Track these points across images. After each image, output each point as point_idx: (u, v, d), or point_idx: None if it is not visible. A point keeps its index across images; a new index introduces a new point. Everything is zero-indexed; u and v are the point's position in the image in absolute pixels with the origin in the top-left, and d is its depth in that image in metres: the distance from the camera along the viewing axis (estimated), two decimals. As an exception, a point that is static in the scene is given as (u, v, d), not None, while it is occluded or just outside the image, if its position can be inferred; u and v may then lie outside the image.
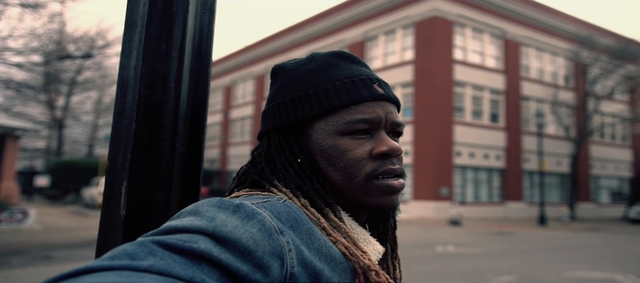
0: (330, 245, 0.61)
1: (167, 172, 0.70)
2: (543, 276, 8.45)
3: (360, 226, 0.70)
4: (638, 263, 10.44)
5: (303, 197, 0.66)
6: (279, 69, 0.78)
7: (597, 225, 22.25)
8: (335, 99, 0.69)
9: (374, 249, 0.67)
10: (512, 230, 18.07)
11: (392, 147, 0.70)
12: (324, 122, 0.70)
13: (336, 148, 0.69)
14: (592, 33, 27.24)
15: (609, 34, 29.46)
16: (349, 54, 0.76)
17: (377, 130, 0.71)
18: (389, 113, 0.72)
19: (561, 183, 28.18)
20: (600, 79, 26.82)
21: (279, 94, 0.74)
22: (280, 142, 0.72)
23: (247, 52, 38.90)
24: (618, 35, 29.63)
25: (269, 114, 0.75)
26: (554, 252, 12.08)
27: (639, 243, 15.20)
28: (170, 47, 0.71)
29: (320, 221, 0.64)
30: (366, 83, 0.72)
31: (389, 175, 0.70)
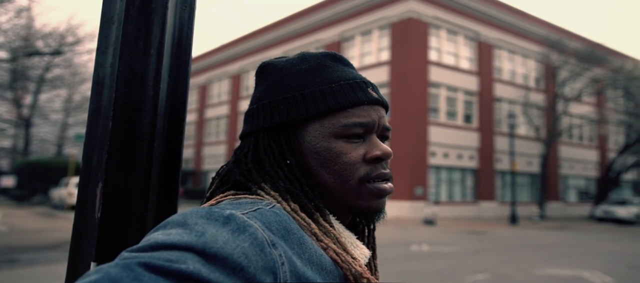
0: (321, 253, 0.60)
1: (145, 173, 0.67)
2: (514, 274, 8.64)
3: (347, 230, 0.69)
4: (604, 260, 10.79)
5: (292, 200, 0.65)
6: (268, 67, 0.75)
7: (565, 224, 22.90)
8: (332, 100, 0.68)
9: (361, 253, 0.66)
10: (485, 229, 18.42)
11: (385, 152, 0.69)
12: (318, 123, 0.68)
13: (331, 151, 0.68)
14: (562, 37, 28.02)
15: (577, 37, 30.35)
16: (340, 56, 0.75)
17: (370, 134, 0.71)
18: (381, 117, 0.72)
19: (531, 182, 28.89)
20: (569, 81, 27.60)
21: (269, 93, 0.71)
22: (269, 142, 0.69)
23: (222, 51, 38.53)
24: (585, 39, 30.54)
25: (256, 113, 0.72)
26: (524, 250, 12.37)
27: (605, 240, 15.71)
28: (149, 44, 0.68)
29: (310, 226, 0.62)
30: (361, 86, 0.71)
31: (381, 179, 0.70)
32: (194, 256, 0.47)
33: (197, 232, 0.49)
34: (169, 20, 0.71)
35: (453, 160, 24.81)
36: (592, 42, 29.70)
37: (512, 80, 28.39)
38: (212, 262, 0.47)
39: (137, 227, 0.67)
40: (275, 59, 0.77)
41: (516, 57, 28.83)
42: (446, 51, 25.39)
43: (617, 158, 29.73)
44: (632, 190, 35.27)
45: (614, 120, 31.04)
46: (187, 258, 0.46)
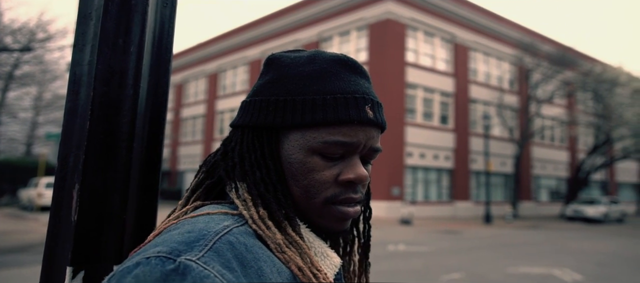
0: (281, 268, 0.58)
1: (124, 175, 0.65)
2: (488, 273, 8.80)
3: (318, 238, 0.67)
4: (574, 258, 11.09)
5: (263, 207, 0.63)
6: (274, 61, 0.72)
7: (537, 223, 23.45)
8: (320, 113, 0.65)
9: (330, 263, 0.65)
10: (460, 228, 18.71)
11: (359, 176, 0.66)
12: (300, 134, 0.66)
13: (303, 165, 0.65)
14: (534, 40, 28.69)
15: (549, 41, 31.12)
16: (353, 63, 0.71)
17: (351, 154, 0.67)
18: (369, 138, 0.68)
19: (505, 182, 29.48)
20: (542, 83, 28.29)
21: (266, 90, 0.69)
22: (253, 141, 0.68)
23: (199, 50, 38.08)
24: (557, 43, 31.34)
25: (249, 107, 0.70)
26: (498, 249, 12.61)
27: (574, 239, 16.15)
28: (129, 42, 0.66)
29: (275, 237, 0.60)
30: (359, 103, 0.67)
31: (347, 203, 0.67)
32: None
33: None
34: (149, 17, 0.69)
35: (429, 160, 25.12)
36: (563, 46, 30.52)
37: (487, 82, 28.91)
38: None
39: (116, 230, 0.65)
40: (287, 52, 0.74)
41: (491, 59, 29.38)
42: (423, 53, 25.68)
43: (586, 159, 30.60)
44: (601, 189, 36.35)
45: (583, 122, 31.96)
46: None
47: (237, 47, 33.98)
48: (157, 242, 0.54)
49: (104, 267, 0.64)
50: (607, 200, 28.09)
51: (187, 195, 0.69)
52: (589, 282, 8.33)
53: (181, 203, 0.68)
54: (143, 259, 0.50)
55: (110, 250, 0.64)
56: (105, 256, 0.64)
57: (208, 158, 0.73)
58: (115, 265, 0.65)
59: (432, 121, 25.79)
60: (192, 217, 0.60)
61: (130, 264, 0.50)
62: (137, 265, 0.49)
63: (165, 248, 0.51)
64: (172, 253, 0.50)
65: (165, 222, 0.64)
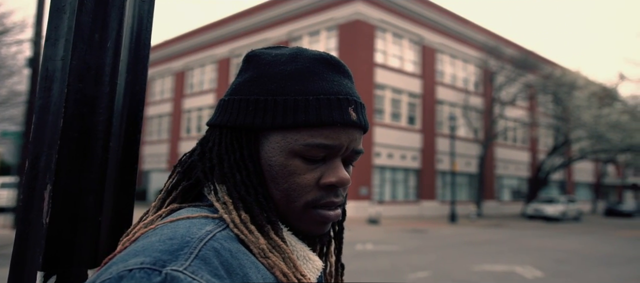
0: (266, 274, 0.57)
1: (99, 175, 0.63)
2: (454, 271, 8.99)
3: (300, 241, 0.65)
4: (534, 255, 11.47)
5: (244, 210, 0.61)
6: (254, 58, 0.69)
7: (500, 222, 24.14)
8: (302, 115, 0.62)
9: (313, 266, 0.64)
10: (426, 227, 19.04)
11: (341, 179, 0.65)
12: (281, 136, 0.63)
13: (284, 168, 0.63)
14: (499, 44, 29.53)
15: (513, 45, 32.08)
16: (336, 62, 0.68)
17: (333, 157, 0.65)
18: (352, 141, 0.66)
19: (470, 182, 30.20)
20: (505, 86, 29.15)
21: (245, 88, 0.66)
22: (232, 142, 0.65)
23: (165, 47, 37.31)
24: (520, 47, 32.35)
25: (227, 106, 0.67)
26: (463, 247, 12.91)
27: (535, 237, 16.72)
28: (105, 37, 0.64)
29: (258, 241, 0.58)
30: (342, 104, 0.65)
31: (328, 207, 0.65)
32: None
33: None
34: (127, 12, 0.66)
35: (397, 160, 25.45)
36: (525, 50, 31.56)
37: (453, 83, 29.54)
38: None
39: (91, 233, 0.62)
40: (268, 49, 0.71)
41: (457, 61, 30.04)
42: (392, 54, 26.00)
43: (546, 159, 31.73)
44: (559, 189, 37.77)
45: (544, 124, 33.13)
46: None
47: (205, 45, 33.48)
48: (136, 251, 0.51)
49: (77, 271, 0.61)
50: (565, 199, 29.21)
51: (161, 197, 0.66)
52: (548, 278, 8.63)
53: (155, 206, 0.65)
54: (125, 271, 0.47)
55: (84, 254, 0.62)
56: (79, 260, 0.61)
57: (183, 158, 0.70)
58: (90, 269, 0.62)
59: (400, 122, 26.15)
60: (171, 221, 0.57)
61: (110, 277, 0.47)
62: (119, 278, 0.47)
63: (148, 258, 0.49)
64: (156, 263, 0.48)
65: (139, 226, 0.61)
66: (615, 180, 46.70)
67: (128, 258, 0.49)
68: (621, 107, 30.00)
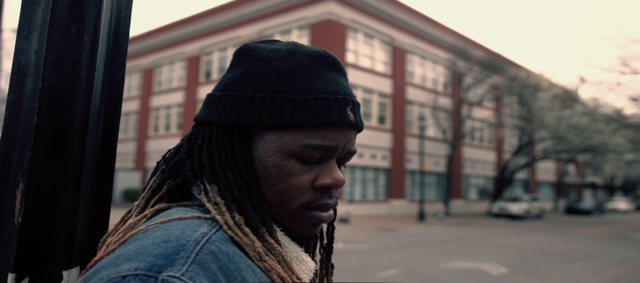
0: (263, 277, 0.55)
1: (76, 173, 0.60)
2: (423, 268, 9.15)
3: (293, 242, 0.64)
4: (500, 253, 11.79)
5: (238, 212, 0.59)
6: (248, 52, 0.66)
7: (467, 220, 24.69)
8: (300, 115, 0.60)
9: (306, 268, 0.63)
10: (396, 226, 19.28)
11: (336, 180, 0.63)
12: (277, 135, 0.61)
13: (280, 169, 0.61)
14: (467, 46, 30.18)
15: (480, 47, 32.85)
16: (333, 59, 0.67)
17: (329, 158, 0.64)
18: (348, 141, 0.65)
19: (438, 181, 30.75)
20: (473, 87, 29.83)
21: (240, 84, 0.63)
22: (224, 140, 0.62)
23: (133, 43, 36.41)
24: (487, 49, 33.16)
25: (218, 102, 0.64)
26: (432, 245, 13.14)
27: (500, 235, 17.18)
28: (82, 30, 0.61)
29: (254, 244, 0.56)
30: (340, 105, 0.63)
31: (322, 209, 0.64)
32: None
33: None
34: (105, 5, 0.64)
35: (367, 160, 25.66)
36: (492, 52, 32.38)
37: (422, 84, 30.00)
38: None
39: (66, 232, 0.60)
40: (261, 42, 0.68)
41: (427, 62, 30.52)
42: (363, 54, 26.19)
43: (511, 159, 32.64)
44: (523, 188, 38.91)
45: (509, 124, 34.08)
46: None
47: (174, 42, 32.87)
48: (127, 255, 0.48)
49: (51, 273, 0.59)
50: (528, 197, 30.13)
51: (146, 196, 0.63)
52: (513, 274, 8.89)
53: (139, 205, 0.63)
54: (117, 278, 0.44)
55: (59, 255, 0.59)
56: (54, 261, 0.59)
57: (168, 155, 0.67)
58: (65, 270, 0.60)
59: (371, 121, 26.37)
60: (162, 222, 0.54)
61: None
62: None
63: (142, 263, 0.46)
64: (151, 269, 0.45)
65: (125, 226, 0.58)
66: (576, 179, 48.47)
67: (119, 263, 0.46)
68: (581, 109, 31.19)
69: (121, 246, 0.52)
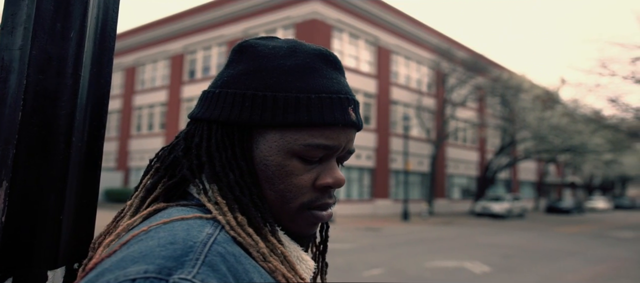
0: (268, 278, 0.55)
1: (61, 172, 0.59)
2: (407, 267, 9.21)
3: (293, 242, 0.64)
4: (482, 251, 11.93)
5: (240, 212, 0.58)
6: (249, 49, 0.65)
7: (450, 219, 24.93)
8: (305, 114, 0.59)
9: (306, 267, 0.62)
10: (380, 225, 19.38)
11: (337, 180, 0.63)
12: (279, 134, 0.60)
13: (282, 169, 0.61)
14: (451, 46, 30.48)
15: (464, 48, 33.20)
16: (333, 58, 0.66)
17: (329, 158, 0.64)
18: (349, 141, 0.65)
19: (422, 181, 31.00)
20: (456, 87, 30.14)
21: (241, 82, 0.62)
22: (223, 139, 0.61)
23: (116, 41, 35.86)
24: (471, 50, 33.53)
25: (217, 100, 0.63)
26: (415, 244, 13.24)
27: (483, 234, 17.39)
28: (69, 26, 0.60)
29: (258, 245, 0.55)
30: (343, 104, 0.63)
31: (322, 208, 0.64)
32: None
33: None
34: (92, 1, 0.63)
35: (351, 159, 25.72)
36: (476, 53, 32.76)
37: (407, 84, 30.20)
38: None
39: (51, 232, 0.59)
40: (262, 40, 0.67)
41: (411, 63, 30.74)
42: (348, 54, 26.25)
43: (493, 159, 33.08)
44: (505, 187, 39.46)
45: (492, 125, 34.52)
46: None
47: (158, 40, 32.51)
48: (133, 257, 0.46)
49: (36, 273, 0.58)
50: (510, 197, 30.56)
51: (141, 196, 0.62)
52: (496, 272, 9.01)
53: (134, 205, 0.61)
54: (127, 281, 0.43)
55: (43, 254, 0.58)
56: (38, 261, 0.58)
57: (162, 153, 0.65)
58: (50, 270, 0.59)
59: (356, 121, 26.45)
60: (165, 222, 0.53)
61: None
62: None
63: (151, 266, 0.44)
64: (161, 272, 0.44)
65: (122, 228, 0.56)
66: (556, 179, 49.34)
67: (126, 265, 0.45)
68: (562, 110, 31.76)
69: (123, 247, 0.50)
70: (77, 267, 0.62)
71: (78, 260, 0.63)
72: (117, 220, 0.61)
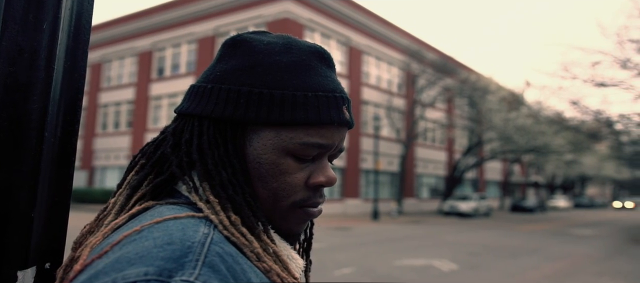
0: (263, 278, 0.53)
1: (33, 168, 0.57)
2: (377, 266, 9.30)
3: (283, 241, 0.63)
4: (450, 249, 12.17)
5: (234, 212, 0.56)
6: (243, 44, 0.63)
7: (419, 218, 25.32)
8: (301, 113, 0.59)
9: (296, 266, 0.61)
10: (350, 225, 19.50)
11: (329, 179, 0.63)
12: (274, 132, 0.59)
13: (276, 167, 0.60)
14: (421, 48, 30.96)
15: (433, 50, 33.77)
16: (328, 56, 0.66)
17: (322, 156, 0.63)
18: (342, 139, 0.65)
19: (391, 181, 31.36)
20: (426, 88, 30.64)
21: (235, 77, 0.61)
22: (215, 136, 0.60)
23: (81, 35, 34.82)
24: (440, 52, 34.14)
25: (209, 95, 0.61)
26: (385, 243, 13.38)
27: (450, 232, 17.74)
28: (41, 17, 0.57)
29: (252, 245, 0.54)
30: (338, 103, 0.62)
31: (314, 206, 0.64)
32: None
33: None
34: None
35: (323, 159, 25.80)
36: (445, 55, 33.37)
37: (378, 85, 30.49)
38: None
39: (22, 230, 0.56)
40: (255, 34, 0.65)
41: (382, 63, 31.05)
42: (319, 54, 26.28)
43: (461, 159, 33.79)
44: (472, 187, 40.37)
45: (460, 125, 35.26)
46: None
47: (125, 36, 31.71)
48: (129, 258, 0.44)
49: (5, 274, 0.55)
50: (477, 196, 31.31)
51: (126, 194, 0.60)
52: (463, 270, 9.21)
53: (118, 203, 0.59)
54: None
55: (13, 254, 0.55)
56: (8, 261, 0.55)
57: (147, 149, 0.64)
58: (20, 270, 0.56)
59: (327, 121, 26.52)
60: (157, 222, 0.51)
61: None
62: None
63: (151, 268, 0.43)
64: (162, 274, 0.43)
65: (109, 227, 0.54)
66: (520, 178, 50.81)
67: (123, 268, 0.43)
68: (527, 111, 32.73)
69: (114, 248, 0.48)
70: (48, 267, 0.60)
71: (50, 259, 0.61)
72: (100, 218, 0.59)
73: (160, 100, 29.32)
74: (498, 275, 8.99)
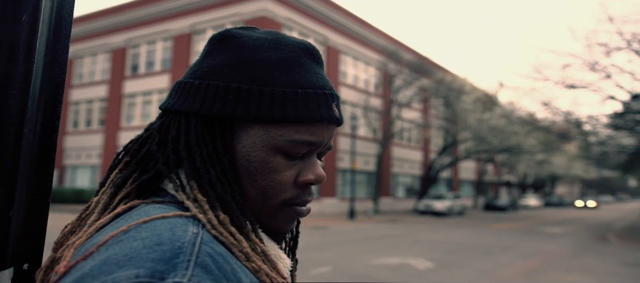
0: (252, 278, 0.52)
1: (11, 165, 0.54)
2: (353, 265, 9.35)
3: (271, 240, 0.62)
4: (425, 248, 12.33)
5: (223, 211, 0.55)
6: (231, 39, 0.62)
7: (395, 217, 25.57)
8: (291, 109, 0.58)
9: (284, 265, 0.61)
10: (327, 224, 19.53)
11: (318, 177, 0.63)
12: (263, 130, 0.58)
13: (265, 165, 0.59)
14: (398, 48, 31.23)
15: (410, 50, 34.12)
16: (317, 52, 0.65)
17: (311, 154, 0.63)
18: (330, 137, 0.64)
19: (368, 180, 31.56)
20: (402, 88, 30.94)
21: (223, 74, 0.59)
22: (203, 133, 0.58)
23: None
24: (417, 53, 34.53)
25: (197, 91, 0.60)
26: (361, 242, 13.46)
27: (426, 231, 17.97)
28: (20, 9, 0.55)
29: (241, 245, 0.53)
30: (328, 100, 0.62)
31: (302, 204, 0.63)
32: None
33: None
34: (46, -18, 0.59)
35: (300, 158, 25.77)
36: (421, 56, 33.76)
37: (355, 84, 30.63)
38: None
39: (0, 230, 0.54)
40: (244, 30, 0.64)
41: (359, 63, 31.21)
42: (296, 53, 26.24)
43: (436, 158, 34.27)
44: (447, 186, 40.99)
45: (435, 125, 35.75)
46: None
47: (97, 32, 30.98)
48: (118, 260, 0.43)
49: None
50: (451, 195, 31.80)
51: (110, 192, 0.58)
52: (438, 268, 9.34)
53: (101, 202, 0.57)
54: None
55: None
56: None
57: (131, 146, 0.62)
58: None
59: (304, 120, 26.51)
60: (145, 221, 0.49)
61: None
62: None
63: (142, 270, 0.41)
64: (153, 276, 0.41)
65: (93, 227, 0.52)
66: (493, 178, 51.86)
67: (111, 270, 0.42)
68: (500, 112, 33.42)
69: (100, 249, 0.46)
70: (27, 268, 0.58)
71: (28, 260, 0.58)
72: (82, 218, 0.57)
73: (134, 98, 28.77)
74: (473, 272, 9.15)
